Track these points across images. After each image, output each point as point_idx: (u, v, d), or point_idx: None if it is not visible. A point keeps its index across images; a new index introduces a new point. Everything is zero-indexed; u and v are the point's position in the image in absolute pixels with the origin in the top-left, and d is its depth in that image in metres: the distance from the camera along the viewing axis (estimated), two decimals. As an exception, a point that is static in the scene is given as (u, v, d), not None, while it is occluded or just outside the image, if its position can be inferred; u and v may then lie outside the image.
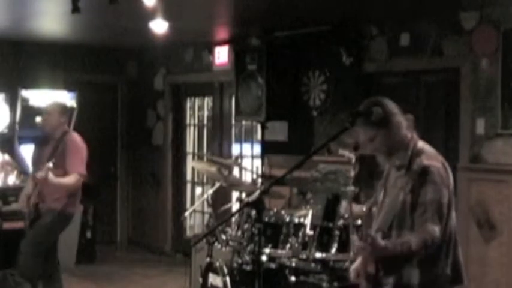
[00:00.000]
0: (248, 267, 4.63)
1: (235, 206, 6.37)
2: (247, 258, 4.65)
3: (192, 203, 8.42)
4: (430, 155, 3.02)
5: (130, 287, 7.19)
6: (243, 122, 7.87)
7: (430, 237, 2.86)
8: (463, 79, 5.56)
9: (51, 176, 5.11)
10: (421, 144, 3.07)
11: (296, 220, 4.57)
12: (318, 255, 4.41)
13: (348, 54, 6.32)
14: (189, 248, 5.94)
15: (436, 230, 2.87)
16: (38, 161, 5.48)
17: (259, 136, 7.57)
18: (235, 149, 8.07)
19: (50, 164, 5.04)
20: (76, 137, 5.48)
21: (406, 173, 3.00)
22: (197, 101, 8.76)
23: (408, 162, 3.00)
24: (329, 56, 6.50)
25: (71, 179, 5.25)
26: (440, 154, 3.12)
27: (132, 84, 9.23)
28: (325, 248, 4.44)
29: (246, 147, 8.09)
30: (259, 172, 6.91)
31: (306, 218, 4.53)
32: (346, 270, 4.22)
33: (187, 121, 8.73)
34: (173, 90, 8.70)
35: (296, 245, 4.48)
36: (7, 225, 6.83)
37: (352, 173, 4.32)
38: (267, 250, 4.53)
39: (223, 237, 4.96)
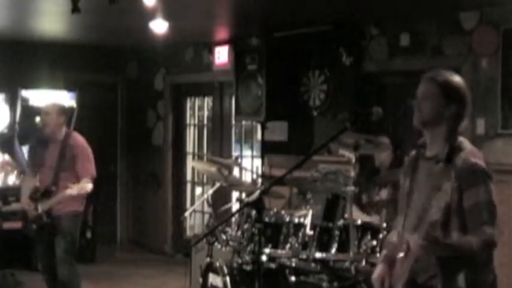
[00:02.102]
0: (248, 267, 4.63)
1: (235, 206, 6.37)
2: (247, 258, 4.65)
3: (192, 203, 8.42)
4: (473, 152, 2.86)
5: (130, 287, 7.19)
6: (243, 122, 7.87)
7: (491, 240, 2.74)
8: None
9: (69, 191, 5.16)
10: (462, 139, 2.91)
11: (296, 220, 4.56)
12: (318, 255, 4.40)
13: (348, 54, 6.32)
14: (189, 248, 5.93)
15: (495, 233, 2.76)
16: (38, 162, 5.48)
17: (259, 136, 7.57)
18: (235, 149, 8.07)
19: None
20: (81, 140, 5.50)
21: (445, 167, 2.77)
22: (197, 101, 8.76)
23: (447, 156, 2.79)
24: (329, 56, 6.50)
25: (88, 185, 5.29)
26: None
27: (132, 84, 9.23)
28: (325, 248, 4.43)
29: (246, 147, 8.09)
30: (259, 172, 6.91)
31: (306, 218, 4.53)
32: (346, 270, 4.23)
33: (187, 121, 8.73)
34: (173, 90, 8.70)
35: (296, 245, 4.48)
36: (7, 225, 6.83)
37: (352, 173, 4.32)
38: (267, 250, 4.52)
39: (223, 237, 4.95)
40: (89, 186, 5.29)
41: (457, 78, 2.92)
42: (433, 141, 2.89)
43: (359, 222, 4.35)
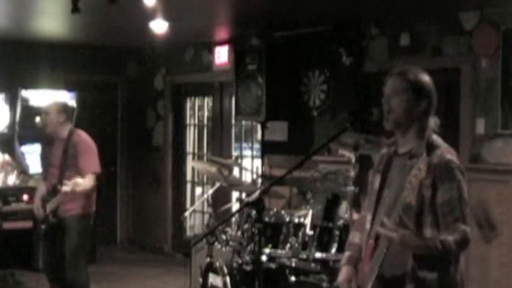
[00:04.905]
0: (248, 267, 4.63)
1: (235, 206, 6.37)
2: (247, 258, 4.65)
3: (192, 203, 8.42)
4: (448, 149, 2.80)
5: (130, 287, 7.19)
6: (243, 122, 7.87)
7: (466, 237, 2.67)
8: (463, 79, 5.56)
9: (65, 188, 5.07)
10: (435, 136, 2.86)
11: (296, 220, 4.57)
12: (318, 255, 4.41)
13: (348, 54, 6.32)
14: (189, 248, 5.93)
15: (468, 230, 2.68)
16: (46, 162, 5.45)
17: (259, 136, 7.57)
18: (235, 149, 8.08)
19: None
20: (84, 136, 5.39)
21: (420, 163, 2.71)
22: (197, 101, 8.76)
23: (423, 153, 2.72)
24: (329, 56, 6.50)
25: (89, 182, 5.18)
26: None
27: (132, 84, 9.23)
28: (325, 248, 4.43)
29: (246, 147, 8.09)
30: (259, 172, 6.91)
31: (306, 218, 4.53)
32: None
33: (187, 121, 8.73)
34: (173, 90, 8.70)
35: (296, 245, 4.48)
36: (7, 225, 6.84)
37: (352, 173, 4.32)
38: (267, 250, 4.53)
39: (223, 237, 4.96)
40: (86, 182, 5.14)
41: (424, 75, 2.89)
42: (405, 139, 2.87)
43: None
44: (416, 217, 2.71)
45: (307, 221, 4.51)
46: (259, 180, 6.37)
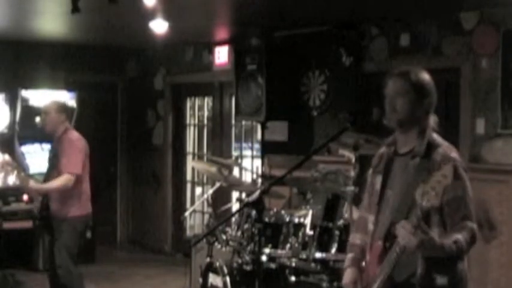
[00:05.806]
0: (248, 267, 4.63)
1: (235, 206, 6.37)
2: (247, 258, 4.65)
3: (192, 203, 8.42)
4: (449, 147, 2.80)
5: (130, 287, 7.19)
6: (243, 122, 7.87)
7: (474, 235, 2.68)
8: (463, 79, 5.56)
9: (32, 183, 5.14)
10: (436, 135, 2.86)
11: (296, 220, 4.57)
12: (318, 255, 4.41)
13: (348, 54, 6.32)
14: (189, 248, 5.93)
15: (475, 227, 2.70)
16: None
17: (259, 136, 7.57)
18: (235, 149, 8.08)
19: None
20: (73, 135, 5.37)
21: (422, 162, 2.74)
22: (197, 101, 8.76)
23: (425, 151, 2.76)
24: (329, 56, 6.50)
25: (57, 181, 5.13)
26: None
27: (132, 84, 9.23)
28: (325, 248, 4.43)
29: (246, 147, 8.09)
30: (259, 172, 6.91)
31: (306, 218, 4.53)
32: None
33: (187, 121, 8.73)
34: (173, 90, 8.70)
35: (296, 245, 4.48)
36: (7, 225, 6.84)
37: (352, 173, 4.32)
38: (267, 250, 4.53)
39: (223, 237, 4.96)
40: (56, 182, 5.10)
41: (425, 74, 2.89)
42: (406, 138, 2.86)
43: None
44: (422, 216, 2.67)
45: (307, 221, 4.51)
46: (259, 180, 6.37)
